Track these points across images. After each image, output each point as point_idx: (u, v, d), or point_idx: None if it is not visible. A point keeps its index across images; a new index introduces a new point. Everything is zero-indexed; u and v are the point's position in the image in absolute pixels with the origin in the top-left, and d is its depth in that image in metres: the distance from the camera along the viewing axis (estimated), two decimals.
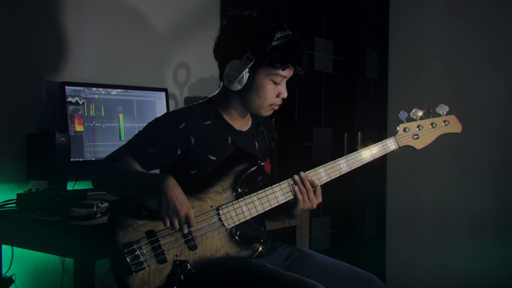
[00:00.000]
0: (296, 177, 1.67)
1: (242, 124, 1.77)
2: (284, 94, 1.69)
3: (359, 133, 3.25)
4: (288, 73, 1.67)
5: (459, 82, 3.44)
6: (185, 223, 1.50)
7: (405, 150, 1.87)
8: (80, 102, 2.31)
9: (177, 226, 1.49)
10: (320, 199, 1.70)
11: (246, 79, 1.62)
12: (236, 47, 1.63)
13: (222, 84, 1.71)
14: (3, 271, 2.14)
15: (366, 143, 1.89)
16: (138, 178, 1.57)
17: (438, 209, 3.54)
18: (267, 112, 1.72)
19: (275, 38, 1.60)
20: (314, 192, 1.68)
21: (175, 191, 1.48)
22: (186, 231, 1.51)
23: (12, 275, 2.14)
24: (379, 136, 3.56)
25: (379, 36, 3.71)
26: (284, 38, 1.61)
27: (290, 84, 1.73)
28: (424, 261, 3.57)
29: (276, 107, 1.72)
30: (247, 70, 1.61)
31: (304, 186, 1.67)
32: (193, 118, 1.67)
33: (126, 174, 1.59)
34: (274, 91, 1.67)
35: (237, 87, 1.64)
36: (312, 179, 1.68)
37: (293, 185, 1.67)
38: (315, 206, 1.70)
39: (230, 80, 1.64)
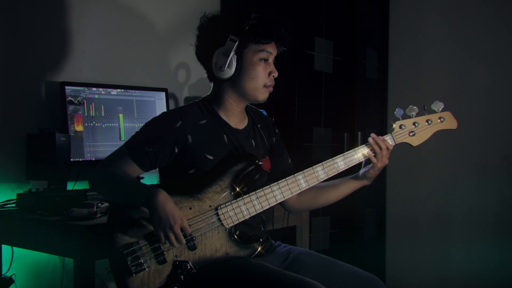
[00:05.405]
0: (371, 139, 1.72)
1: (238, 121, 1.77)
2: (275, 73, 1.72)
3: (359, 133, 3.25)
4: (273, 49, 1.70)
5: (459, 82, 3.44)
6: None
7: (403, 150, 1.87)
8: (75, 102, 2.31)
9: (174, 242, 1.49)
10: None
11: (235, 62, 1.65)
12: (217, 36, 1.66)
13: (212, 82, 1.75)
14: (3, 271, 2.14)
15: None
16: (130, 192, 1.56)
17: (438, 209, 3.54)
18: (263, 94, 1.72)
19: (252, 17, 1.66)
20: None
21: (166, 206, 1.47)
22: (184, 242, 1.51)
23: (12, 275, 2.15)
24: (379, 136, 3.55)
25: (379, 36, 3.71)
26: (260, 17, 1.68)
27: (290, 84, 1.74)
28: (424, 261, 3.57)
29: (271, 89, 1.73)
30: (233, 52, 1.63)
31: (379, 146, 1.71)
32: (189, 117, 1.68)
33: (118, 185, 1.58)
34: (264, 70, 1.69)
35: (228, 72, 1.66)
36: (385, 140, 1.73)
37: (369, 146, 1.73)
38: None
39: (220, 67, 1.65)
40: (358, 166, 1.78)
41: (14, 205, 2.13)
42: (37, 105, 2.35)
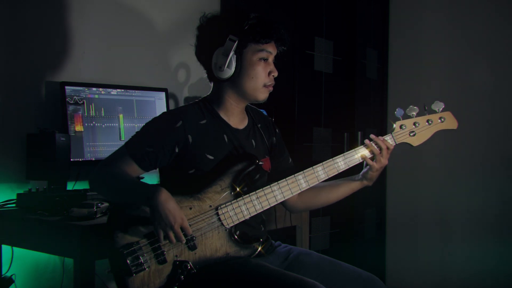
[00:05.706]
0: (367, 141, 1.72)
1: (238, 121, 1.77)
2: (275, 72, 1.71)
3: (359, 133, 3.25)
4: (272, 48, 1.70)
5: (459, 82, 3.44)
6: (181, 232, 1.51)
7: (404, 150, 1.87)
8: (80, 102, 2.31)
9: (173, 240, 1.50)
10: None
11: (235, 62, 1.65)
12: (217, 36, 1.66)
13: (212, 82, 1.75)
14: (3, 271, 2.14)
15: None
16: (130, 191, 1.56)
17: (438, 209, 3.54)
18: (263, 94, 1.72)
19: (251, 17, 1.66)
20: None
21: (167, 205, 1.47)
22: (184, 240, 1.52)
23: (12, 275, 2.15)
24: (379, 136, 3.55)
25: (379, 36, 3.71)
26: (259, 17, 1.68)
27: (290, 84, 1.74)
28: (424, 260, 3.57)
29: (271, 88, 1.73)
30: (233, 52, 1.63)
31: (379, 146, 1.71)
32: (189, 117, 1.68)
33: (118, 184, 1.59)
34: (264, 70, 1.69)
35: (228, 72, 1.66)
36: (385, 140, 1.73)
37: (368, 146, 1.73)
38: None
39: (220, 67, 1.65)
40: (360, 166, 1.78)
41: (14, 205, 2.13)
42: (37, 105, 2.35)
